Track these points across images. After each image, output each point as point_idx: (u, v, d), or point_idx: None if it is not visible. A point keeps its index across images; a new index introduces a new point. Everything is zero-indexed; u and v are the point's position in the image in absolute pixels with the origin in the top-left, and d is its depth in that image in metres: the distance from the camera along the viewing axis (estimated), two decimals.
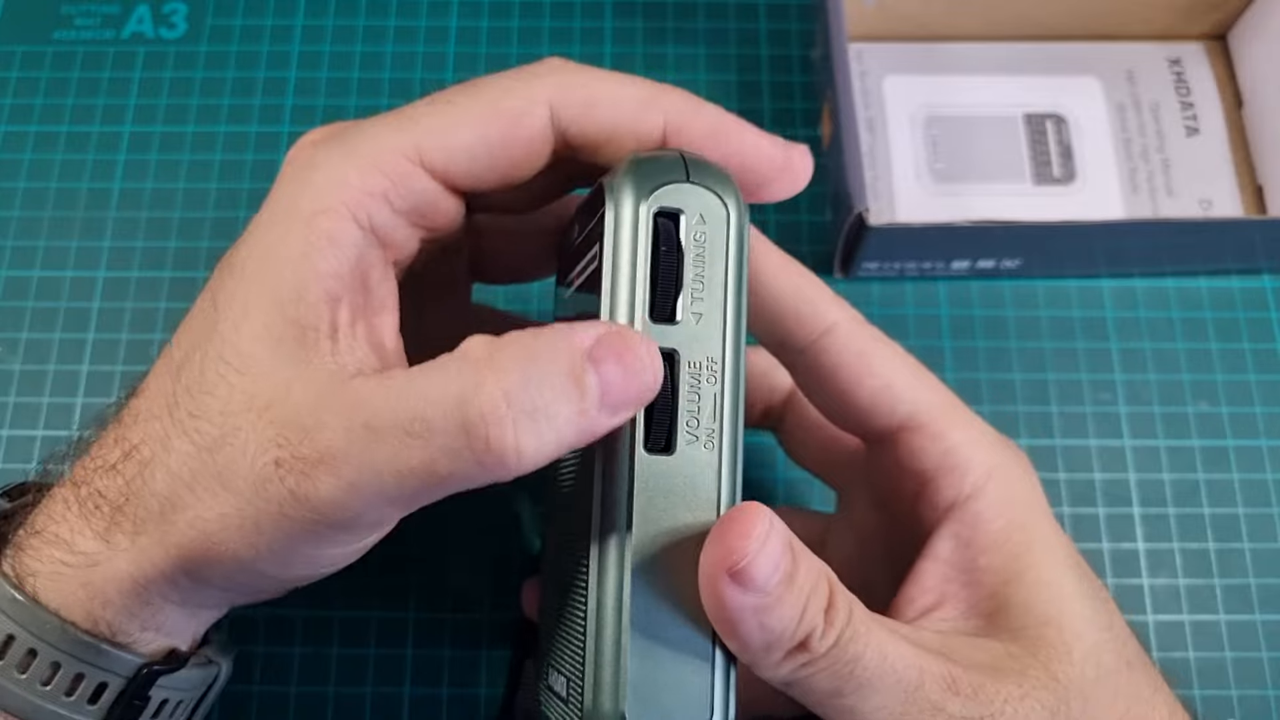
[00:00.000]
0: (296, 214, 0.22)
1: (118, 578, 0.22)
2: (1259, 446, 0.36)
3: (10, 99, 0.40)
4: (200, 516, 0.21)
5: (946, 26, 0.41)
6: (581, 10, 0.42)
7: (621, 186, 0.21)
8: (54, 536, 0.22)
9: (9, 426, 0.36)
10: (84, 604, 0.22)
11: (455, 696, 0.33)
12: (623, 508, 0.20)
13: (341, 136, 0.23)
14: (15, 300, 0.38)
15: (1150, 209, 0.39)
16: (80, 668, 0.22)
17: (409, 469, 0.19)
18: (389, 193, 0.22)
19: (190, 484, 0.21)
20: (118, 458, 0.22)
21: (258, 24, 0.42)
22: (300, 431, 0.20)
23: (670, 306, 0.21)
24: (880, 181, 0.39)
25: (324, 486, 0.20)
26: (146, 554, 0.21)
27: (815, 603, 0.20)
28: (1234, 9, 0.40)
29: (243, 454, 0.20)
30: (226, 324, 0.22)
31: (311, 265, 0.21)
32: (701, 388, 0.21)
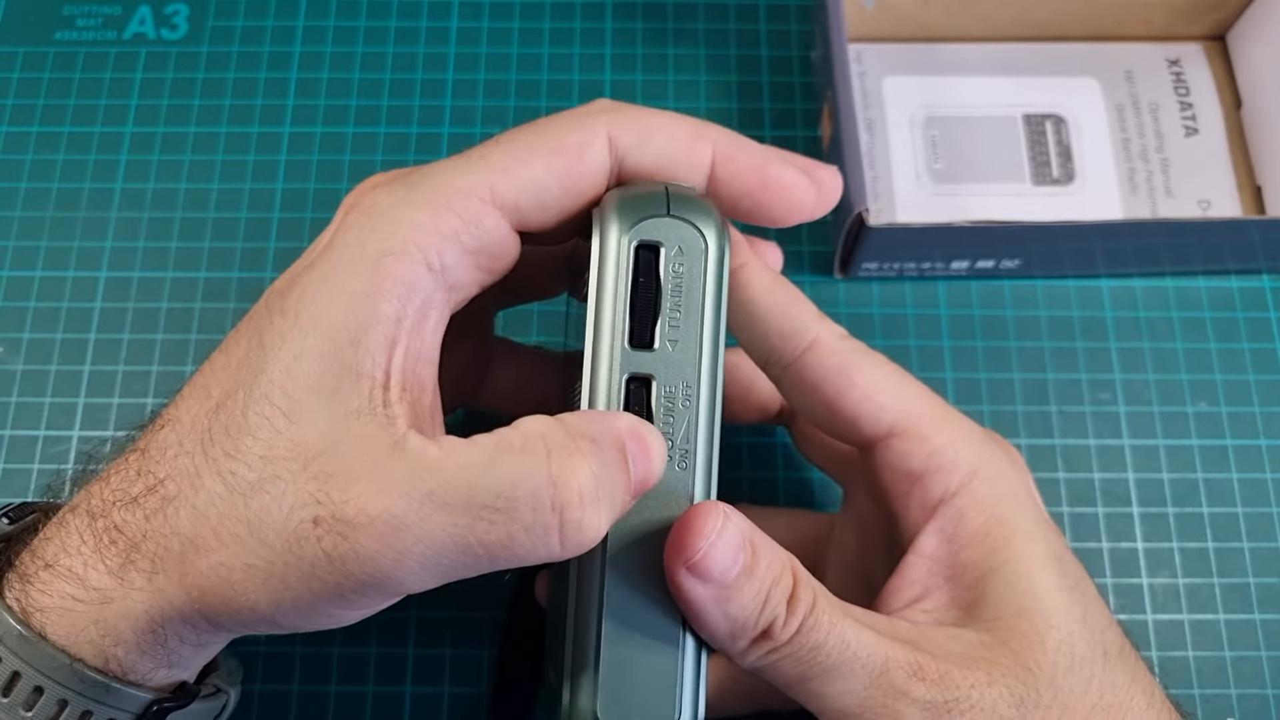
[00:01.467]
0: (362, 256, 0.21)
1: (132, 616, 0.21)
2: (1258, 446, 0.36)
3: (12, 100, 0.40)
4: (224, 564, 0.20)
5: (946, 27, 0.41)
6: (582, 11, 0.42)
7: (607, 219, 0.22)
8: (65, 570, 0.21)
9: (10, 426, 0.36)
10: (95, 641, 0.21)
11: (456, 695, 0.33)
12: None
13: (408, 179, 0.22)
14: (17, 300, 0.38)
15: (1149, 209, 0.39)
16: (88, 705, 0.21)
17: (480, 544, 0.20)
18: (460, 233, 0.22)
19: (217, 528, 0.20)
20: (140, 491, 0.21)
21: (259, 25, 0.42)
22: (344, 494, 0.20)
23: (648, 334, 0.22)
24: (880, 182, 0.39)
25: (365, 554, 0.19)
26: (164, 594, 0.21)
27: (777, 593, 0.22)
28: (1233, 9, 0.40)
29: (279, 505, 0.20)
30: (276, 366, 0.21)
31: (374, 307, 0.21)
32: (676, 410, 0.22)
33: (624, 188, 0.23)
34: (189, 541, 0.20)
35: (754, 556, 0.21)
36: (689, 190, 0.23)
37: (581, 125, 0.23)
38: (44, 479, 0.35)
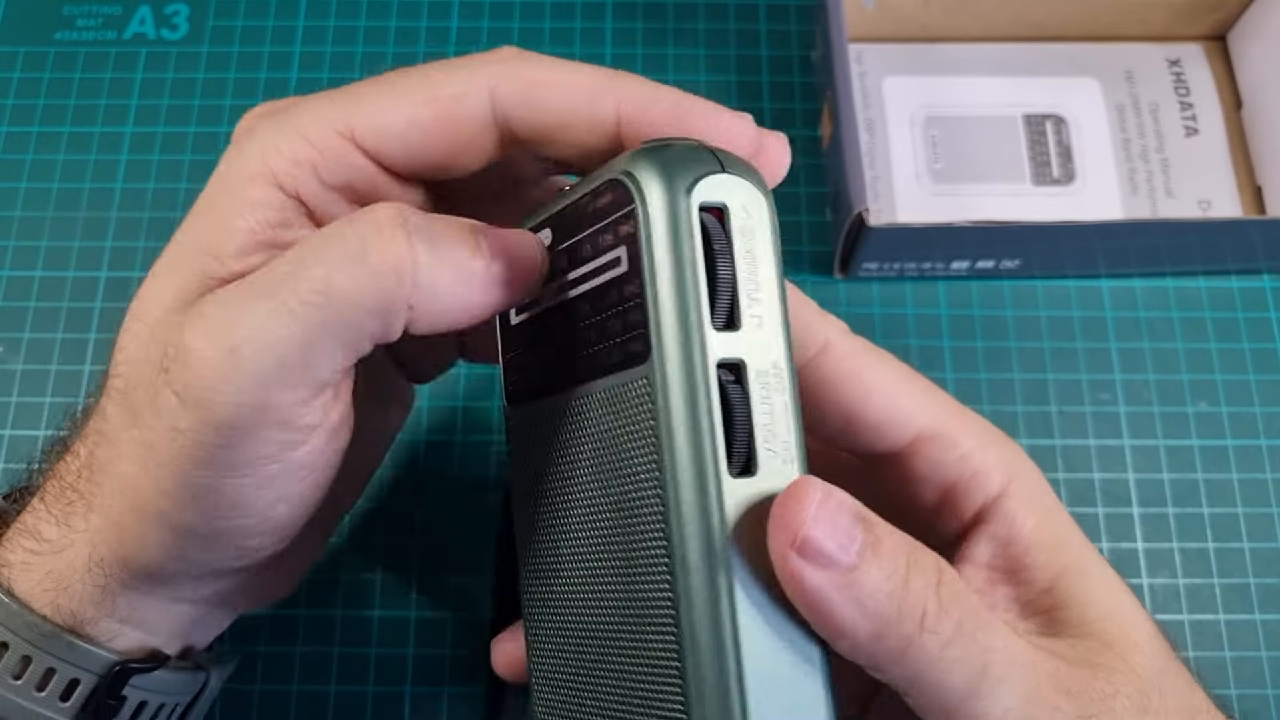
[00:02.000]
0: (224, 179, 0.22)
1: (77, 563, 0.21)
2: (1258, 446, 0.36)
3: (12, 100, 0.40)
4: (123, 472, 0.21)
5: (946, 27, 0.41)
6: (582, 11, 0.42)
7: (652, 180, 0.19)
8: (25, 527, 0.22)
9: (11, 426, 0.36)
10: (50, 593, 0.22)
11: (456, 695, 0.33)
12: (719, 542, 0.18)
13: (281, 110, 0.23)
14: (18, 300, 0.38)
15: (1149, 209, 0.39)
16: (51, 662, 0.22)
17: (300, 301, 0.19)
18: (317, 164, 0.22)
19: (116, 441, 0.21)
20: (76, 442, 0.22)
21: (259, 25, 0.42)
22: (178, 328, 0.20)
23: (733, 312, 0.19)
24: (880, 182, 0.39)
25: (201, 364, 0.19)
26: (99, 534, 0.21)
27: (918, 577, 0.18)
28: (1233, 10, 0.40)
29: (140, 382, 0.20)
30: (145, 284, 0.22)
31: (227, 224, 0.21)
32: (772, 398, 0.19)
33: (648, 146, 0.20)
34: (102, 470, 0.21)
35: (872, 532, 0.18)
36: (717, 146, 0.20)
37: (463, 76, 0.22)
38: None
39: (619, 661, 0.20)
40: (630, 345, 0.19)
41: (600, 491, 0.20)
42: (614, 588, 0.20)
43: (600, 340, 0.20)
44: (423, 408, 0.36)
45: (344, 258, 0.19)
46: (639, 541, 0.19)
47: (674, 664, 0.19)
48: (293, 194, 0.22)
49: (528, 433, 0.23)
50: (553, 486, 0.22)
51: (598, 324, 0.20)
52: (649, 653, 0.19)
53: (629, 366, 0.19)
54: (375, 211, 0.20)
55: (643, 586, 0.19)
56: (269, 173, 0.22)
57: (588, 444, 0.21)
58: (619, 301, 0.20)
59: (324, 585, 0.34)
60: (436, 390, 0.36)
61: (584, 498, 0.21)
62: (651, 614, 0.19)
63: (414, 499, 0.35)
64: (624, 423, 0.20)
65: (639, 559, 0.19)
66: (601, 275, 0.20)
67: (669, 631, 0.19)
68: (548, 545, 0.22)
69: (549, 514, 0.22)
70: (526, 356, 0.23)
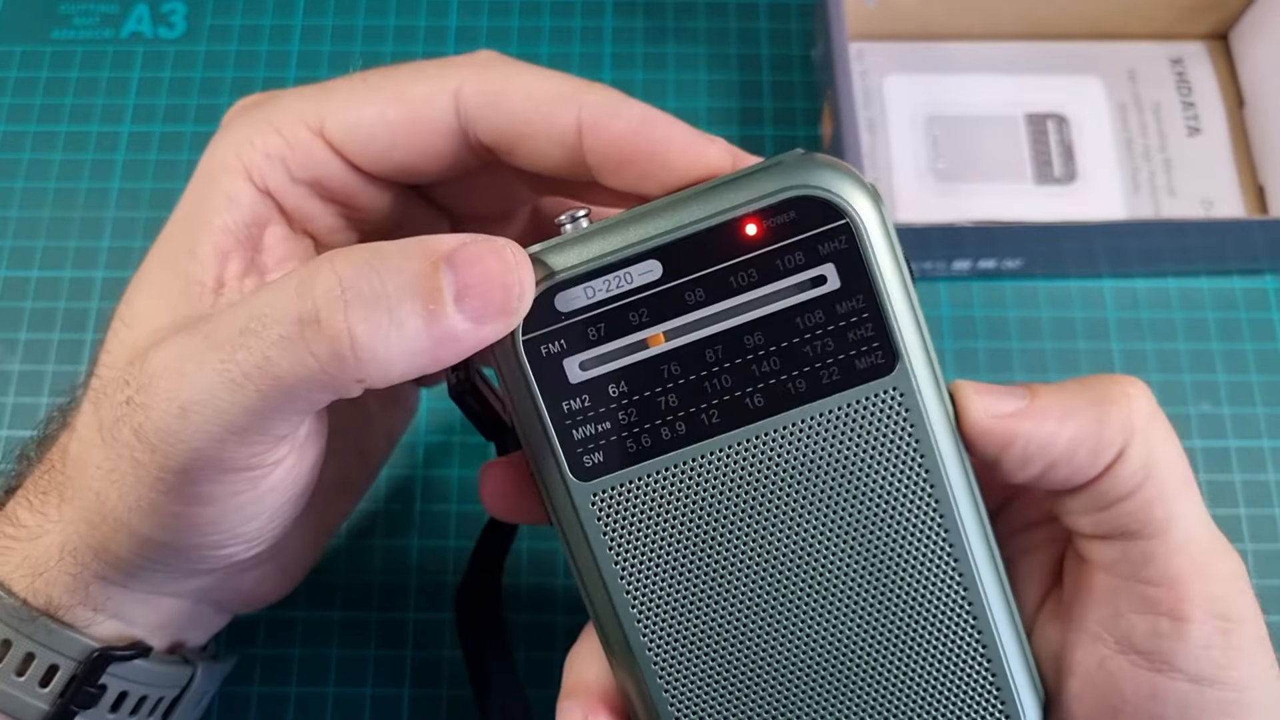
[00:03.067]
0: (203, 173, 0.22)
1: (51, 548, 0.22)
2: (1261, 447, 0.36)
3: (9, 98, 0.40)
4: (93, 475, 0.21)
5: (947, 26, 0.40)
6: (582, 9, 0.42)
7: (854, 190, 0.19)
8: (7, 515, 0.22)
9: (8, 427, 0.36)
10: (27, 577, 0.22)
11: (455, 697, 0.33)
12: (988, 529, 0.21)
13: (261, 103, 0.23)
14: (13, 300, 0.37)
15: (1152, 209, 0.39)
16: (30, 646, 0.22)
17: (242, 374, 0.18)
18: (286, 158, 0.22)
19: (86, 445, 0.21)
20: (56, 431, 0.23)
21: (257, 23, 0.42)
22: (141, 365, 0.19)
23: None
24: (881, 181, 0.39)
25: (154, 415, 0.19)
26: (71, 524, 0.21)
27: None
28: (1235, 8, 0.40)
29: (109, 400, 0.20)
30: (131, 285, 0.22)
31: (205, 220, 0.22)
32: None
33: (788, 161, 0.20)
34: (74, 467, 0.21)
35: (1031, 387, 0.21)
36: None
37: (432, 78, 0.22)
38: None
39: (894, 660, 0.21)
40: (860, 361, 0.20)
41: (836, 516, 0.20)
42: (879, 595, 0.21)
43: (796, 366, 0.20)
44: (422, 408, 0.36)
45: (282, 337, 0.18)
46: (912, 543, 0.20)
47: (984, 664, 0.21)
48: (263, 188, 0.22)
49: (644, 499, 0.20)
50: (727, 539, 0.20)
51: (786, 350, 0.20)
52: (940, 632, 0.21)
53: (863, 381, 0.20)
54: (315, 275, 0.18)
55: (924, 596, 0.21)
56: (242, 166, 0.22)
57: (799, 476, 0.20)
58: (829, 320, 0.20)
59: (322, 587, 0.34)
60: (435, 391, 0.36)
61: (800, 530, 0.20)
62: (939, 598, 0.21)
63: (413, 500, 0.35)
64: (872, 440, 0.20)
65: (914, 560, 0.20)
66: (786, 299, 0.20)
67: (971, 635, 0.21)
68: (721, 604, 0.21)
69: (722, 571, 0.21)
70: (617, 414, 0.20)
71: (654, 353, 0.20)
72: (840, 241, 0.19)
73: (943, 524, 0.20)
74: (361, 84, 0.22)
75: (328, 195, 0.23)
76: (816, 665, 0.21)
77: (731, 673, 0.21)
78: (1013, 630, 0.21)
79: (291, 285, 0.18)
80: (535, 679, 0.32)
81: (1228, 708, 0.20)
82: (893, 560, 0.20)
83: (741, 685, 0.21)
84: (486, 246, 0.18)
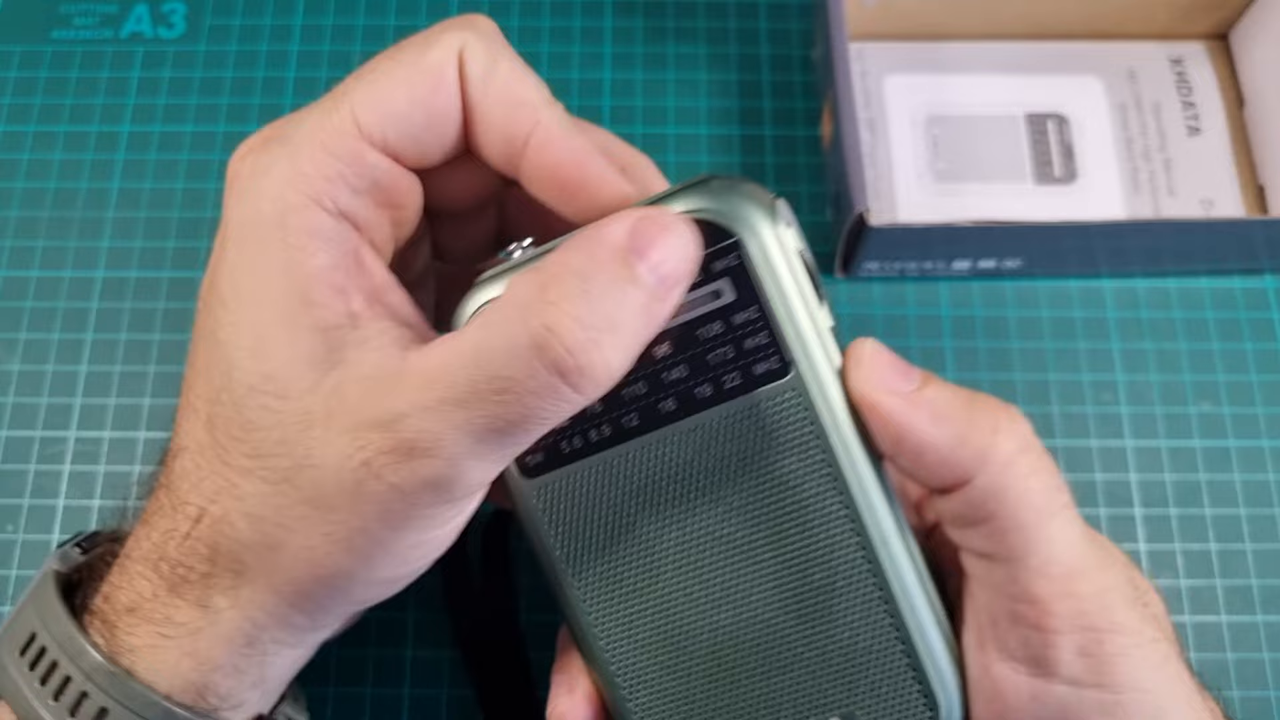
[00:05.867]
0: (264, 223, 0.21)
1: (225, 638, 0.21)
2: (1260, 447, 0.36)
3: (8, 98, 0.40)
4: (304, 546, 0.20)
5: (947, 25, 0.40)
6: (581, 9, 0.42)
7: (747, 211, 0.21)
8: (149, 614, 0.21)
9: (7, 427, 0.36)
10: (187, 673, 0.21)
11: (455, 697, 0.33)
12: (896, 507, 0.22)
13: (281, 133, 0.22)
14: (13, 300, 0.37)
15: (1152, 209, 0.39)
16: None
17: (506, 422, 0.19)
18: (345, 174, 0.21)
19: (280, 521, 0.20)
20: (188, 526, 0.21)
21: (256, 23, 0.42)
22: (379, 427, 0.19)
23: (833, 322, 0.22)
24: (881, 181, 0.39)
25: (425, 470, 0.19)
26: (254, 604, 0.21)
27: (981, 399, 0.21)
28: (1235, 8, 0.40)
29: (326, 472, 0.20)
30: (242, 355, 0.21)
31: (303, 265, 0.21)
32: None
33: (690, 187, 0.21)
34: (260, 546, 0.21)
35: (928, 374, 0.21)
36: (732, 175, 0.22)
37: (441, 44, 0.22)
38: (40, 480, 0.35)
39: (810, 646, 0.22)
40: (756, 366, 0.21)
41: (739, 510, 0.22)
42: (790, 583, 0.22)
43: (702, 373, 0.22)
44: None
45: (541, 387, 0.19)
46: (818, 535, 0.22)
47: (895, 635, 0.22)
48: (337, 212, 0.21)
49: (569, 497, 0.23)
50: (649, 530, 0.23)
51: (693, 359, 0.22)
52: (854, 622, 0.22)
53: (761, 385, 0.21)
54: (548, 327, 0.19)
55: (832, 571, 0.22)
56: (308, 199, 0.21)
57: (701, 474, 0.22)
58: (728, 331, 0.21)
59: None
60: None
61: (709, 525, 0.22)
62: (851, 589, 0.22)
63: None
64: (773, 438, 0.21)
65: (820, 552, 0.22)
66: (689, 312, 0.21)
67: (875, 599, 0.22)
68: (658, 584, 0.23)
69: (650, 559, 0.23)
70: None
71: None
72: (732, 259, 0.21)
73: (847, 514, 0.21)
74: (374, 73, 0.22)
75: (383, 199, 0.22)
76: (742, 644, 0.23)
77: (668, 650, 0.23)
78: (929, 610, 0.22)
79: (524, 340, 0.19)
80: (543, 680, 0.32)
81: (1110, 709, 0.20)
82: (802, 547, 0.22)
83: (677, 660, 0.23)
84: (655, 221, 0.20)
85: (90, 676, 0.21)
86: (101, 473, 0.35)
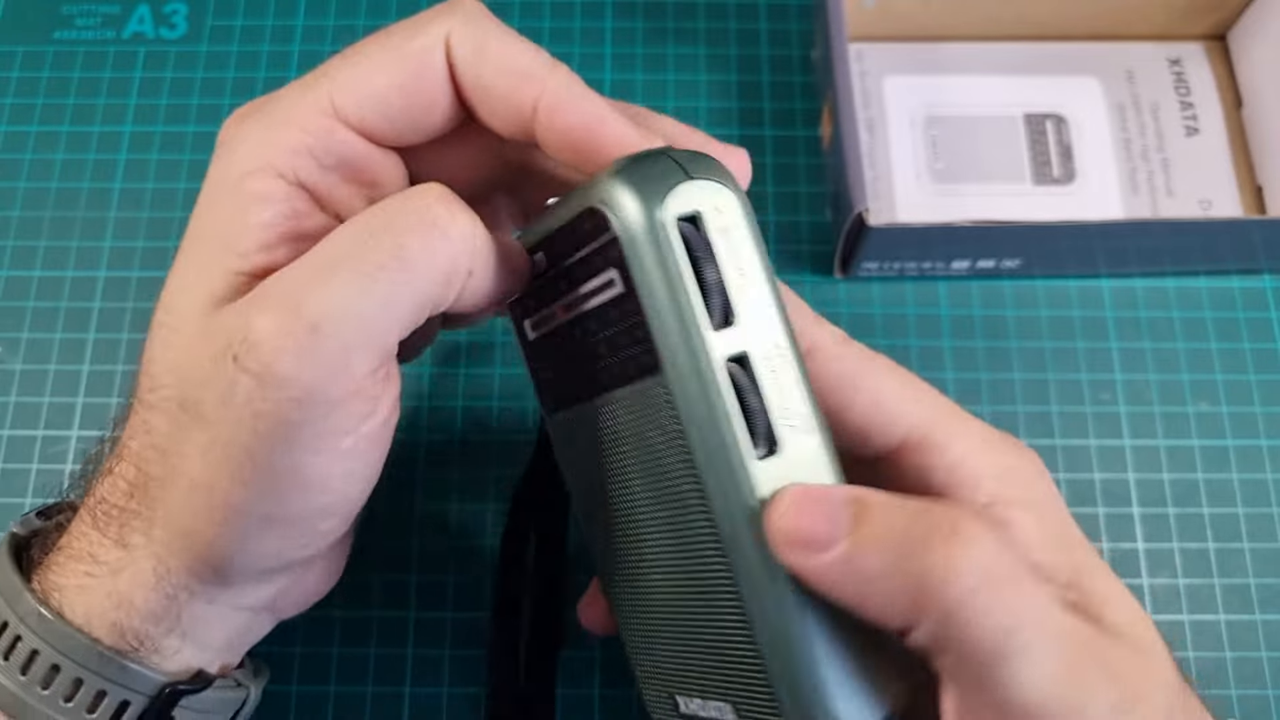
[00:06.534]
0: (226, 182, 0.22)
1: (140, 579, 0.21)
2: (1259, 446, 0.36)
3: (11, 99, 0.40)
4: (192, 476, 0.20)
5: (946, 26, 0.41)
6: (582, 10, 0.42)
7: (625, 204, 0.20)
8: (76, 552, 0.22)
9: (9, 427, 0.36)
10: (110, 614, 0.21)
11: (455, 696, 0.33)
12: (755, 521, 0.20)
13: (261, 107, 0.23)
14: (16, 300, 0.38)
15: (1150, 209, 0.39)
16: (102, 684, 0.21)
17: (376, 266, 0.20)
18: (312, 148, 0.22)
19: (177, 448, 0.21)
20: (114, 463, 0.22)
21: (258, 24, 0.42)
22: (243, 321, 0.20)
23: (726, 311, 0.20)
24: (880, 181, 0.39)
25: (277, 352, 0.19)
26: (164, 545, 0.21)
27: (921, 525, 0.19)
28: (1234, 9, 0.40)
29: (203, 382, 0.20)
30: (166, 290, 0.22)
31: (243, 220, 0.22)
32: (780, 375, 0.20)
33: (617, 166, 0.20)
34: (163, 480, 0.21)
35: (864, 507, 0.19)
36: (685, 148, 0.21)
37: (426, 31, 0.22)
38: (43, 479, 0.35)
39: (698, 632, 0.22)
40: (642, 358, 0.21)
41: (649, 486, 0.22)
42: (681, 568, 0.22)
43: (613, 354, 0.21)
44: (423, 408, 0.36)
45: (418, 225, 0.20)
46: (692, 529, 0.21)
47: (746, 634, 0.21)
48: (295, 182, 0.22)
49: (570, 436, 0.25)
50: (607, 482, 0.24)
51: (609, 339, 0.21)
52: (722, 622, 0.21)
53: (645, 376, 0.21)
54: (431, 189, 0.21)
55: (704, 567, 0.21)
56: (269, 166, 0.22)
57: (626, 445, 0.22)
58: (622, 319, 0.21)
59: None
60: (436, 390, 0.36)
61: (637, 492, 0.23)
62: (718, 591, 0.21)
63: (413, 499, 0.35)
64: (653, 427, 0.21)
65: (695, 544, 0.21)
66: (601, 295, 0.21)
67: (735, 607, 0.21)
68: (616, 532, 0.24)
69: (609, 506, 0.24)
70: (551, 369, 0.25)
71: (552, 327, 0.24)
72: (616, 250, 0.20)
73: (707, 522, 0.21)
74: (358, 55, 0.23)
75: (353, 175, 0.23)
76: (668, 608, 0.23)
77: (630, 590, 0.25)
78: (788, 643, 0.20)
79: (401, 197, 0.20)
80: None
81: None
82: (683, 538, 0.22)
83: (636, 603, 0.25)
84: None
85: (24, 619, 0.21)
86: None
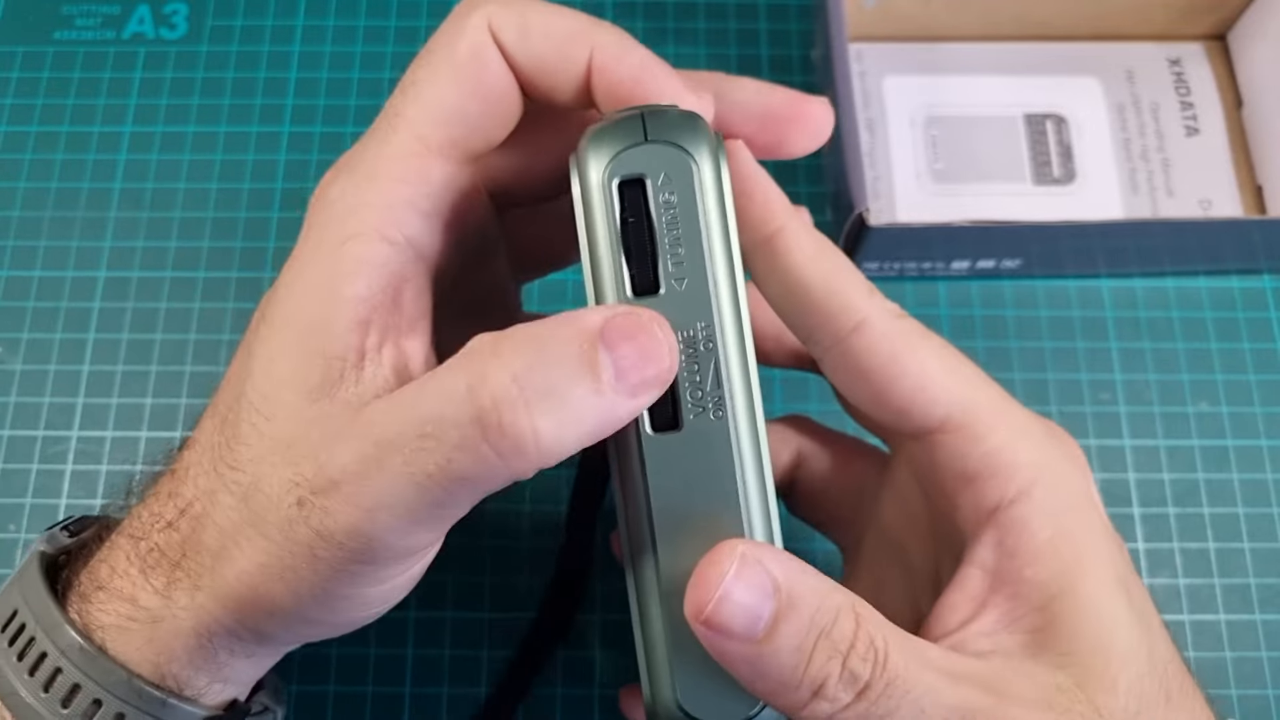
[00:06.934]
0: (323, 249, 0.21)
1: (181, 634, 0.21)
2: (1259, 446, 0.36)
3: (11, 99, 0.40)
4: (244, 569, 0.20)
5: (946, 26, 0.41)
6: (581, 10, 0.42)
7: (582, 160, 0.20)
8: (118, 591, 0.22)
9: (9, 427, 0.36)
10: (150, 659, 0.21)
11: (455, 696, 0.33)
12: (641, 494, 0.20)
13: (349, 164, 0.22)
14: (16, 300, 0.38)
15: (1150, 209, 0.39)
16: (143, 719, 0.22)
17: (425, 475, 0.19)
18: (412, 198, 0.21)
19: (234, 536, 0.21)
20: (174, 515, 0.22)
21: (258, 24, 0.42)
22: (315, 467, 0.20)
23: (650, 278, 0.20)
24: (880, 181, 0.39)
25: (342, 518, 0.19)
26: (206, 610, 0.21)
27: (824, 648, 0.19)
28: (1234, 9, 0.40)
29: (270, 499, 0.20)
30: (258, 371, 0.21)
31: (338, 292, 0.21)
32: (700, 355, 0.20)
33: (598, 121, 0.21)
34: (216, 556, 0.21)
35: (787, 605, 0.19)
36: (668, 108, 0.21)
37: (464, 28, 0.22)
38: (43, 479, 0.35)
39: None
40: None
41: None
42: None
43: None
44: None
45: (464, 439, 0.18)
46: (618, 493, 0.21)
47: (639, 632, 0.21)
48: (401, 242, 0.21)
49: None
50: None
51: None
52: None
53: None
54: (485, 375, 0.18)
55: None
56: (371, 229, 0.21)
57: None
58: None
59: None
60: None
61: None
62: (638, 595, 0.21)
63: None
64: None
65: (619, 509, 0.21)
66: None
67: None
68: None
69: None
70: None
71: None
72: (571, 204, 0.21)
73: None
74: (417, 86, 0.22)
75: (451, 217, 0.22)
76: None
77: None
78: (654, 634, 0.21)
79: (461, 386, 0.18)
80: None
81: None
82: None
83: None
84: (634, 320, 0.19)
85: (65, 653, 0.21)
86: (103, 472, 0.35)
